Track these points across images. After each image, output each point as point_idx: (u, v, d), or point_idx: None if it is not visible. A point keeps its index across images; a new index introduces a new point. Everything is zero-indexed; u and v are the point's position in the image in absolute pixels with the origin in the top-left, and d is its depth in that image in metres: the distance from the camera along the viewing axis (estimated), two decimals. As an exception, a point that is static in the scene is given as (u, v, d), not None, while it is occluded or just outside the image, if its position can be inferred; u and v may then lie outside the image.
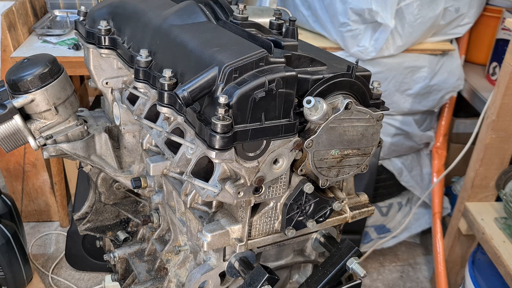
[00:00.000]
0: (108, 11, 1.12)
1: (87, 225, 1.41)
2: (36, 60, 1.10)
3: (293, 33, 0.92)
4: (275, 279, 0.91)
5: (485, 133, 2.03)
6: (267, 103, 0.77)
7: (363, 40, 2.19)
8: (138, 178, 1.19)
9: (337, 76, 0.86)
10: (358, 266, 0.96)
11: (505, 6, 2.46)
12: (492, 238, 1.90)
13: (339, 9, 2.16)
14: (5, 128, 1.07)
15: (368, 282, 2.54)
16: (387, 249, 2.74)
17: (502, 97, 1.91)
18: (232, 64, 0.77)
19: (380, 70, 2.26)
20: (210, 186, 0.84)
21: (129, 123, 1.20)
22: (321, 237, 1.06)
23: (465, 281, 2.01)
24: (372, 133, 0.92)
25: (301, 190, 0.90)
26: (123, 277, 1.39)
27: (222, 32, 0.93)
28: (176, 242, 1.15)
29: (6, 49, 2.21)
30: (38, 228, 2.75)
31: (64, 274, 2.48)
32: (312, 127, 0.86)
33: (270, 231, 0.95)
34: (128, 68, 1.04)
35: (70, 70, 2.03)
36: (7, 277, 2.10)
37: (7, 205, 2.28)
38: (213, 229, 0.91)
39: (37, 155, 2.52)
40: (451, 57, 2.37)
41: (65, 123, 1.16)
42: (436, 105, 2.47)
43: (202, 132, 0.77)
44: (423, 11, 2.14)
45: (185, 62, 0.87)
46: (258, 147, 0.81)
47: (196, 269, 0.99)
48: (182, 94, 0.77)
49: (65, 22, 2.60)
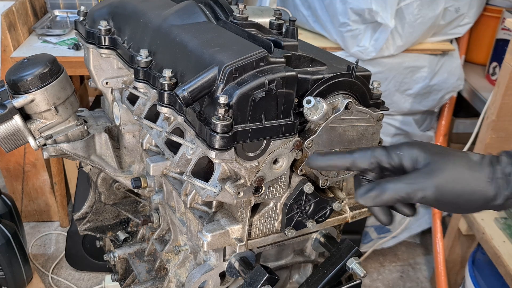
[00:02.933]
0: (108, 11, 1.12)
1: (87, 225, 1.41)
2: (36, 60, 1.10)
3: (293, 33, 0.92)
4: (275, 279, 0.91)
5: (485, 133, 2.03)
6: (267, 103, 0.77)
7: (363, 40, 2.19)
8: (138, 178, 1.19)
9: (337, 76, 0.86)
10: (358, 266, 0.96)
11: (505, 6, 2.46)
12: (492, 238, 1.90)
13: (339, 9, 2.16)
14: (5, 128, 1.07)
15: (368, 282, 2.54)
16: (387, 249, 2.74)
17: (502, 97, 1.91)
18: (232, 64, 0.77)
19: (380, 70, 2.26)
20: (210, 186, 0.84)
21: (129, 123, 1.20)
22: (321, 237, 1.06)
23: (465, 281, 2.01)
24: (372, 133, 0.92)
25: (301, 190, 0.90)
26: (123, 277, 1.39)
27: (222, 32, 0.93)
28: (176, 242, 1.15)
29: (6, 49, 2.21)
30: (38, 228, 2.75)
31: (64, 274, 2.48)
32: (312, 127, 0.86)
33: (270, 231, 0.95)
34: (128, 68, 1.04)
35: (70, 70, 2.03)
36: (7, 277, 2.10)
37: (7, 205, 2.28)
38: (213, 229, 0.91)
39: (37, 155, 2.52)
40: (451, 57, 2.37)
41: (65, 123, 1.16)
42: (436, 105, 2.47)
43: (202, 132, 0.77)
44: (423, 11, 2.14)
45: (185, 62, 0.87)
46: (258, 147, 0.81)
47: (196, 269, 0.99)
48: (182, 94, 0.77)
49: (65, 22, 2.60)
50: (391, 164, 0.74)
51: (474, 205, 0.71)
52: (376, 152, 0.75)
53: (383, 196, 0.71)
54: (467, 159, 0.72)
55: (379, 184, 0.72)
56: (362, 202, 0.73)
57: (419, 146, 0.74)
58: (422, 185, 0.70)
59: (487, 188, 0.70)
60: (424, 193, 0.70)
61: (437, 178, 0.70)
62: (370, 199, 0.72)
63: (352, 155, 0.76)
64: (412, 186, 0.70)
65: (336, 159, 0.77)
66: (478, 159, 0.72)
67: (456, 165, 0.71)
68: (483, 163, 0.71)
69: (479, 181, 0.70)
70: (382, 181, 0.72)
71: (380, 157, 0.74)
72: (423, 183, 0.70)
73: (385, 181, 0.72)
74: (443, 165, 0.71)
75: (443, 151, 0.73)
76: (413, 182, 0.70)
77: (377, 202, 0.72)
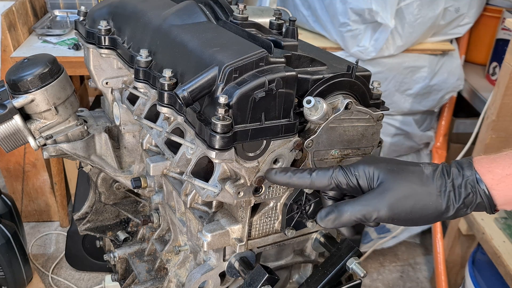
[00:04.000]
0: (108, 11, 1.12)
1: (87, 225, 1.41)
2: (36, 60, 1.10)
3: (293, 33, 0.92)
4: (275, 279, 0.91)
5: (485, 133, 2.03)
6: (267, 103, 0.77)
7: (363, 40, 2.19)
8: (138, 178, 1.19)
9: (337, 76, 0.86)
10: (358, 266, 0.96)
11: (505, 6, 2.46)
12: (492, 238, 1.90)
13: (339, 9, 2.16)
14: (5, 128, 1.07)
15: (368, 282, 2.54)
16: (387, 249, 2.74)
17: (502, 97, 1.91)
18: (232, 64, 0.77)
19: (380, 70, 2.26)
20: (210, 186, 0.84)
21: (129, 123, 1.20)
22: (321, 237, 1.06)
23: (465, 281, 2.01)
24: (372, 133, 0.92)
25: (301, 190, 0.90)
26: (123, 277, 1.39)
27: (222, 32, 0.93)
28: (176, 242, 1.15)
29: (6, 49, 2.21)
30: (38, 228, 2.76)
31: (64, 274, 2.48)
32: (312, 127, 0.86)
33: (270, 231, 0.95)
34: (128, 68, 1.04)
35: (70, 70, 2.03)
36: (7, 277, 2.11)
37: (7, 205, 2.28)
38: (213, 229, 0.91)
39: (37, 155, 2.52)
40: (451, 57, 2.37)
41: (65, 123, 1.16)
42: (436, 105, 2.47)
43: (202, 132, 0.77)
44: (423, 11, 2.14)
45: (185, 62, 0.87)
46: (258, 147, 0.81)
47: (196, 269, 0.99)
48: (182, 94, 0.77)
49: (65, 22, 2.60)
50: (349, 185, 0.77)
51: (427, 218, 0.74)
52: (334, 173, 0.78)
53: (341, 219, 0.75)
54: (420, 174, 0.75)
55: (337, 207, 0.76)
56: (323, 225, 0.77)
57: (375, 164, 0.77)
58: (376, 206, 0.73)
59: (438, 202, 0.73)
60: (378, 214, 0.74)
61: (389, 198, 0.73)
62: (330, 222, 0.76)
63: (311, 175, 0.79)
64: (367, 208, 0.74)
65: (294, 178, 0.80)
66: (430, 172, 0.75)
67: (408, 182, 0.74)
68: (435, 176, 0.74)
69: (431, 196, 0.73)
70: (340, 204, 0.76)
71: (338, 178, 0.77)
72: (376, 204, 0.74)
73: (343, 204, 0.76)
74: (394, 183, 0.74)
75: (396, 167, 0.76)
76: (368, 204, 0.74)
77: (337, 225, 0.76)
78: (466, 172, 0.73)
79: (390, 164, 0.77)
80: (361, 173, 0.76)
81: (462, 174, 0.73)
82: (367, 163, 0.77)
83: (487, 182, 0.72)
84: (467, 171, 0.73)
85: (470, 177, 0.72)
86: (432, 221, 0.75)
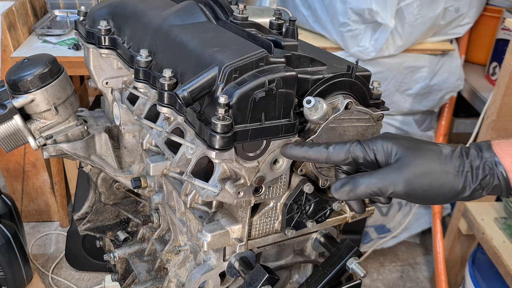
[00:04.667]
0: (108, 11, 1.12)
1: (87, 225, 1.41)
2: (36, 60, 1.10)
3: (293, 33, 0.92)
4: (275, 279, 0.91)
5: (485, 133, 2.03)
6: (267, 103, 0.77)
7: (363, 40, 2.19)
8: (138, 178, 1.19)
9: (337, 76, 0.86)
10: (358, 266, 0.96)
11: (505, 6, 2.46)
12: (492, 238, 1.90)
13: (339, 9, 2.16)
14: (5, 128, 1.07)
15: (368, 282, 2.54)
16: (387, 249, 2.74)
17: (502, 97, 1.91)
18: (232, 64, 0.77)
19: (380, 70, 2.26)
20: (210, 186, 0.84)
21: (129, 123, 1.20)
22: (321, 237, 1.06)
23: (465, 281, 2.01)
24: (372, 133, 0.92)
25: (301, 190, 0.90)
26: (123, 277, 1.39)
27: (222, 32, 0.93)
28: (176, 242, 1.15)
29: (6, 49, 2.21)
30: (38, 228, 2.76)
31: (64, 274, 2.48)
32: (312, 127, 0.86)
33: (270, 231, 0.95)
34: (128, 68, 1.04)
35: (70, 70, 2.03)
36: (7, 277, 2.11)
37: (7, 205, 2.29)
38: (213, 229, 0.91)
39: (37, 155, 2.52)
40: (451, 57, 2.37)
41: (65, 123, 1.16)
42: (436, 105, 2.47)
43: (202, 132, 0.77)
44: (423, 11, 2.14)
45: (185, 62, 0.87)
46: (258, 147, 0.81)
47: (196, 269, 0.99)
48: (182, 94, 0.77)
49: (65, 22, 2.60)
50: (366, 159, 0.76)
51: (443, 197, 0.73)
52: (352, 147, 0.77)
53: (356, 191, 0.74)
54: (438, 153, 0.74)
55: (353, 179, 0.75)
56: (337, 197, 0.76)
57: (393, 140, 0.76)
58: (393, 180, 0.73)
59: (455, 182, 0.72)
60: (394, 188, 0.73)
61: (407, 173, 0.72)
62: (344, 193, 0.75)
63: (328, 149, 0.78)
64: (383, 181, 0.73)
65: (311, 152, 0.79)
66: (448, 152, 0.74)
67: (426, 159, 0.73)
68: (453, 156, 0.73)
69: (448, 175, 0.72)
70: (356, 176, 0.75)
71: (356, 152, 0.77)
72: (393, 178, 0.73)
73: (359, 176, 0.75)
74: (413, 159, 0.73)
75: (415, 145, 0.76)
76: (384, 178, 0.73)
77: (351, 197, 0.75)
78: (485, 154, 0.72)
79: (409, 141, 0.76)
80: (379, 147, 0.76)
81: (481, 156, 0.72)
82: (386, 138, 0.77)
83: (505, 165, 0.71)
84: (486, 153, 0.72)
85: (489, 159, 0.72)
86: (447, 200, 0.74)
